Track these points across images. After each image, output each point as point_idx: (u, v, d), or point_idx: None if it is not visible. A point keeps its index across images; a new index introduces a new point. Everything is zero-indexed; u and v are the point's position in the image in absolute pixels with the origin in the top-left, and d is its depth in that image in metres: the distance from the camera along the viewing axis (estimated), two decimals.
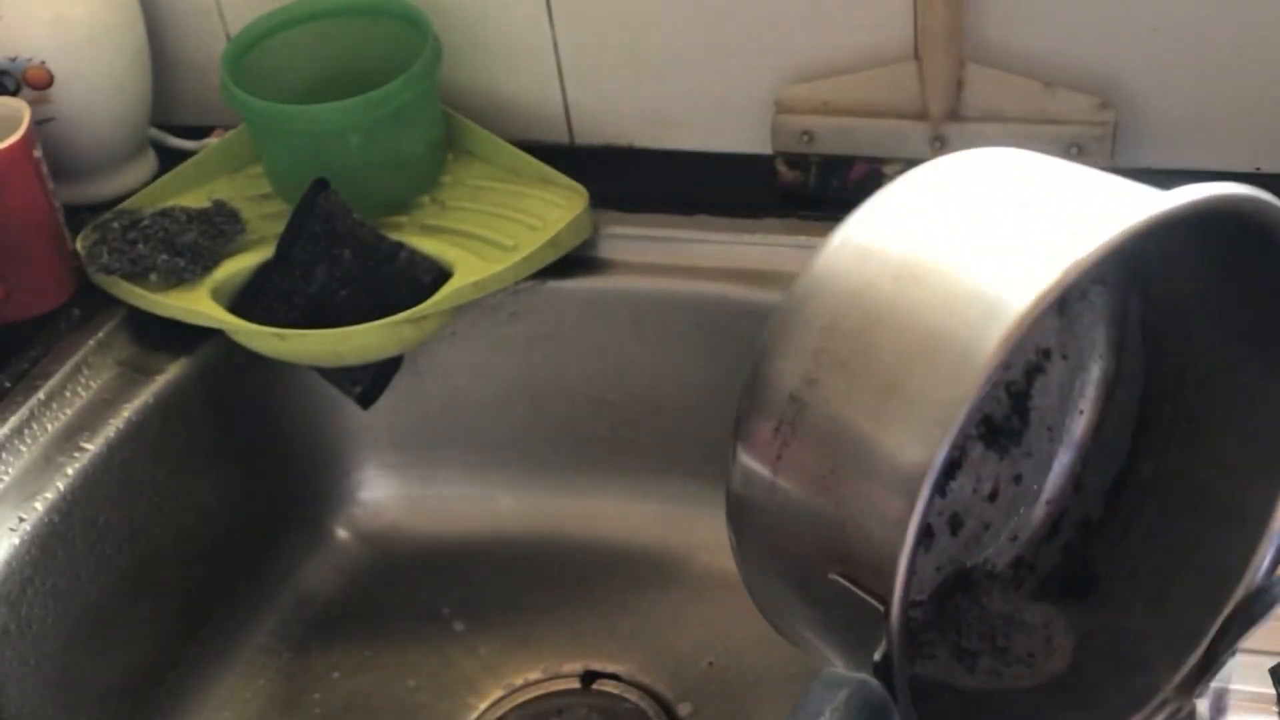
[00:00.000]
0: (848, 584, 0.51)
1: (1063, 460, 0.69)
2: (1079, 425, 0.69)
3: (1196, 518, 0.65)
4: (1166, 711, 0.62)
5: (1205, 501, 0.65)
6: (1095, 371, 0.68)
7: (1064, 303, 0.66)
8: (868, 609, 0.50)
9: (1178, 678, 0.62)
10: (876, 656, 0.50)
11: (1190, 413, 0.65)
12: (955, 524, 0.68)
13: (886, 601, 0.50)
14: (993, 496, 0.68)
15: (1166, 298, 0.64)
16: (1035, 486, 0.70)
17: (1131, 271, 0.65)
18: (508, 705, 0.88)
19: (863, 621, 0.51)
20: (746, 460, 0.56)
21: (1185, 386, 0.65)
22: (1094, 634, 0.65)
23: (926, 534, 0.67)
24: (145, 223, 0.90)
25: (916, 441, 0.50)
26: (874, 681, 0.49)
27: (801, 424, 0.54)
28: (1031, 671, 0.65)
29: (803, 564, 0.55)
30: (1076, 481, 0.70)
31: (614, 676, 0.89)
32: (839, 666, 0.55)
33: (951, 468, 0.67)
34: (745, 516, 0.58)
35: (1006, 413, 0.68)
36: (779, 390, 0.55)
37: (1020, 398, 0.68)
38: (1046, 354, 0.67)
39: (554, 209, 0.91)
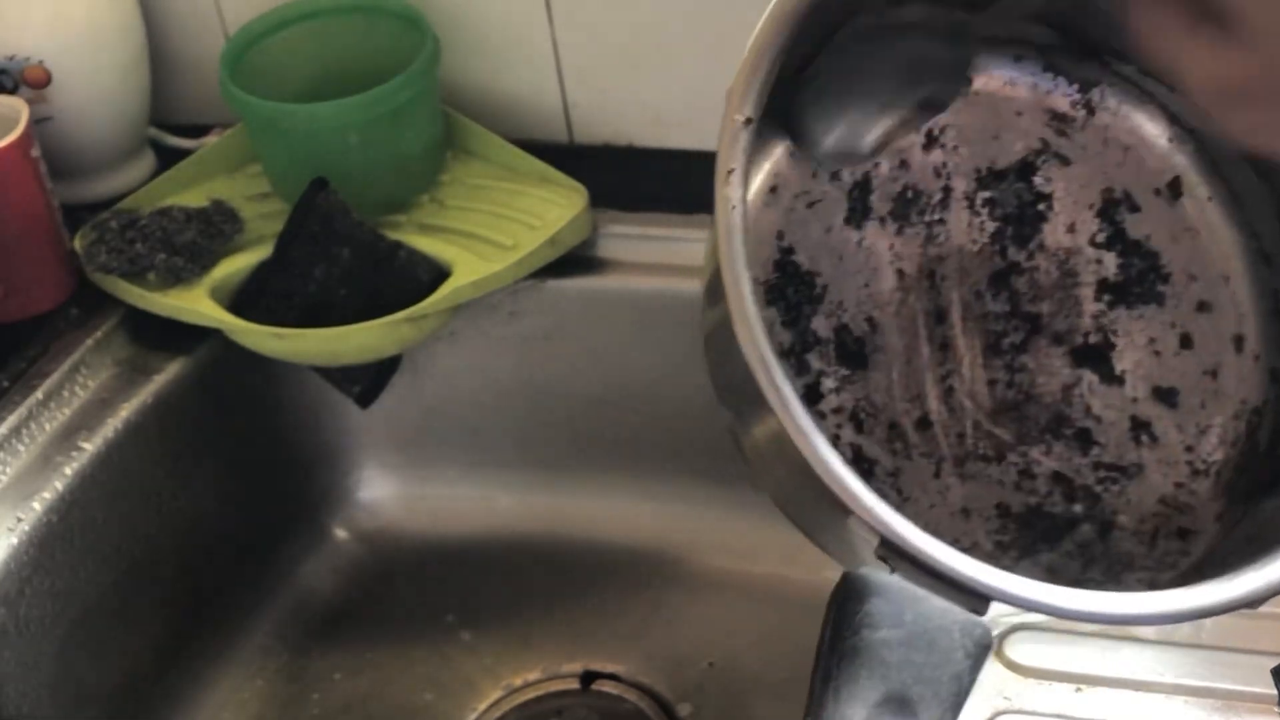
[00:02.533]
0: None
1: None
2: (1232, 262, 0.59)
3: None
4: None
5: None
6: (1198, 191, 0.59)
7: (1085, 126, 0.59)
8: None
9: None
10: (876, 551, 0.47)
11: None
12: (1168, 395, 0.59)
13: (848, 509, 0.46)
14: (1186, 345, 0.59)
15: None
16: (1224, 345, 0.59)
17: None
18: (507, 706, 0.88)
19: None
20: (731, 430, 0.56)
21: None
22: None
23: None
24: (143, 222, 0.90)
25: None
26: (852, 573, 0.47)
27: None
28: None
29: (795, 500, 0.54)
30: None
31: (614, 677, 0.89)
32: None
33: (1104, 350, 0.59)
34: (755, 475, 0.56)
35: (1119, 264, 0.59)
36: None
37: (1120, 241, 0.60)
38: (1122, 194, 0.60)
39: (553, 208, 0.91)
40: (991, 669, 0.68)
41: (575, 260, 0.91)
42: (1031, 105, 0.60)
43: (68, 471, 0.82)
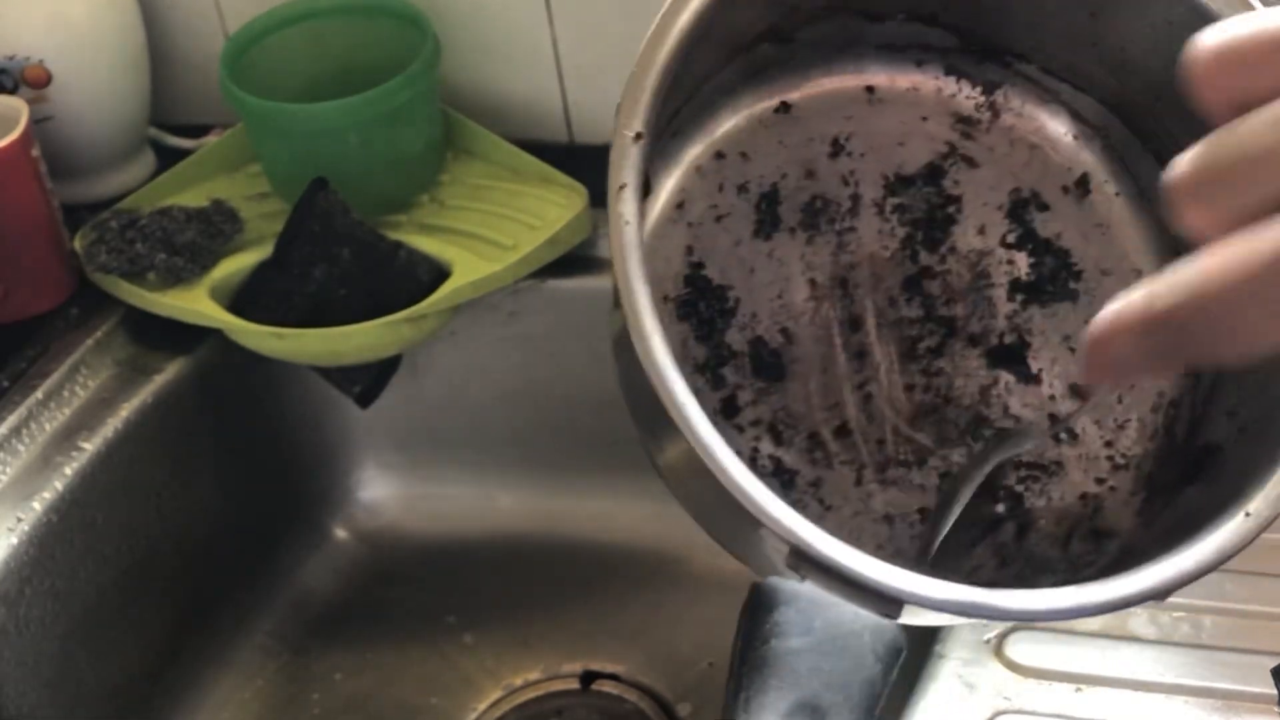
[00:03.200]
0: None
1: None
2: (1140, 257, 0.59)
3: None
4: None
5: None
6: (1106, 187, 0.59)
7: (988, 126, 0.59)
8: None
9: None
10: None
11: None
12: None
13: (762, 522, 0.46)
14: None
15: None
16: None
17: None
18: (507, 705, 0.88)
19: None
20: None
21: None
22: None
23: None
24: (143, 222, 0.90)
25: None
26: (761, 583, 0.47)
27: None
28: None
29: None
30: None
31: (614, 677, 0.89)
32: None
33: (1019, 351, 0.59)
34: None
35: (1031, 263, 0.59)
36: None
37: (1030, 240, 0.59)
38: (1030, 194, 0.60)
39: (553, 208, 0.91)
40: (991, 669, 0.68)
41: (575, 260, 0.91)
42: (936, 109, 0.60)
43: (68, 471, 0.82)
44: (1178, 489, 0.57)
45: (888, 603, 0.46)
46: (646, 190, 0.50)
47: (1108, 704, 0.66)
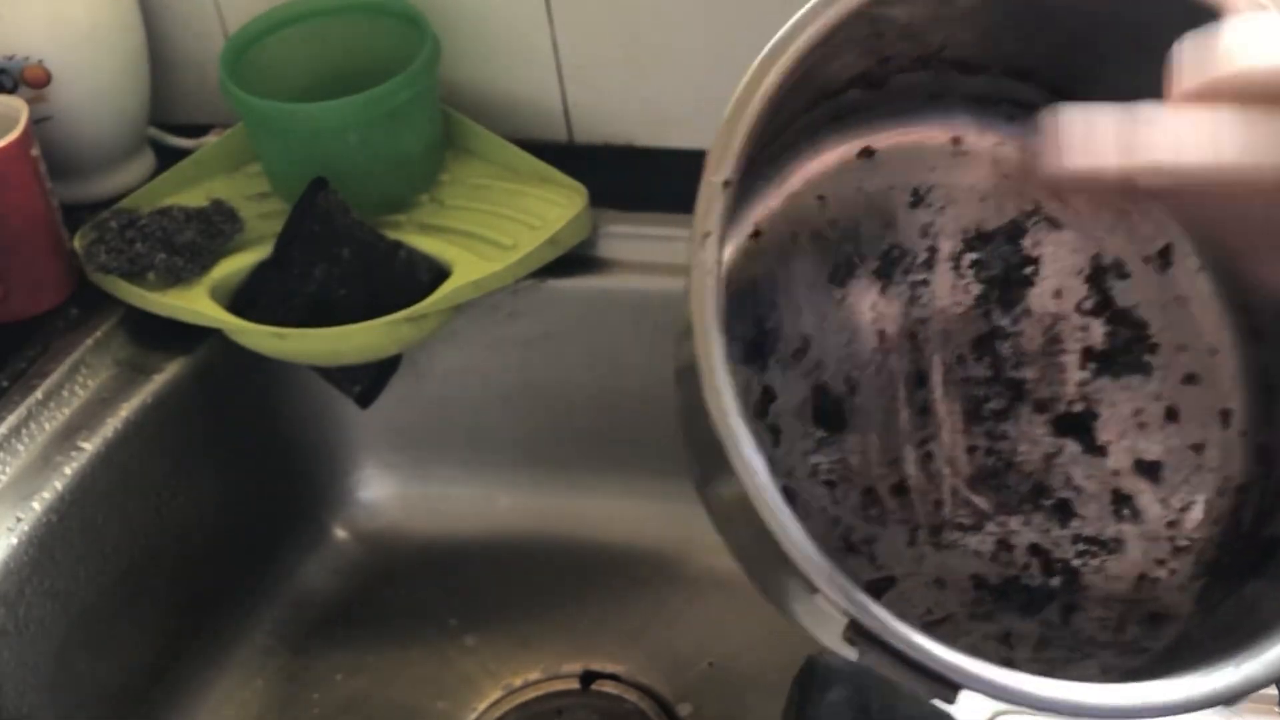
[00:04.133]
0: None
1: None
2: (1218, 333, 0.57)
3: None
4: None
5: None
6: (1189, 261, 0.58)
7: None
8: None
9: None
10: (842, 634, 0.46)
11: None
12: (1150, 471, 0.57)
13: (813, 587, 0.44)
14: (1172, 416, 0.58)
15: None
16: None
17: None
18: (507, 706, 0.88)
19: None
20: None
21: None
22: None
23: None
24: (143, 222, 0.89)
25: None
26: (815, 657, 0.46)
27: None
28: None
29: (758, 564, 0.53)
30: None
31: (614, 677, 0.89)
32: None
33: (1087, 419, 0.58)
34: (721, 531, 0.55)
35: (1106, 332, 0.58)
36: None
37: (1108, 308, 0.58)
38: (1112, 261, 0.58)
39: (553, 208, 0.91)
40: None
41: (575, 260, 0.91)
42: (1022, 166, 0.58)
43: (68, 471, 0.82)
44: (1240, 580, 0.55)
45: (947, 687, 0.44)
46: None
47: None
